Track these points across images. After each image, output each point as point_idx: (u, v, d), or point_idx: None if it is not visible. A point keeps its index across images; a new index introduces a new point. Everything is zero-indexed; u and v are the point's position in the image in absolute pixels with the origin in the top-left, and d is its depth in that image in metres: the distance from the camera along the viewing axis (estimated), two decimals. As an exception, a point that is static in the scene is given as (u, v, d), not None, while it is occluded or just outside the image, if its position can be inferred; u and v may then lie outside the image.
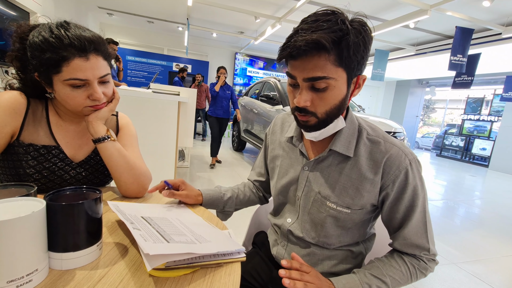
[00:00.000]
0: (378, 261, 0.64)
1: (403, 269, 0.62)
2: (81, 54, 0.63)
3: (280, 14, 5.01)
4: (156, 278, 0.44)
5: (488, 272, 1.88)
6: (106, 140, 0.71)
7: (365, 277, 0.60)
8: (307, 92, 0.55)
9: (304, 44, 0.49)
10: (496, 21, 4.36)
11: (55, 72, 0.62)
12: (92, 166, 0.78)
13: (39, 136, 0.71)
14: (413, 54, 6.19)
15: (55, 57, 0.61)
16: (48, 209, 0.41)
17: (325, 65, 0.51)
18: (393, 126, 3.27)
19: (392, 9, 4.39)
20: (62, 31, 0.62)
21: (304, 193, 0.69)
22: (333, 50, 0.50)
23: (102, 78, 0.68)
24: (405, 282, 0.62)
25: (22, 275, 0.37)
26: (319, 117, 0.58)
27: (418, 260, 0.63)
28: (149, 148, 2.23)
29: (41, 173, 0.70)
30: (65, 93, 0.65)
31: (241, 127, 5.01)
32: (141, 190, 0.76)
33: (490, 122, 7.40)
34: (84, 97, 0.66)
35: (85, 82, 0.65)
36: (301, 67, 0.53)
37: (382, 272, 0.61)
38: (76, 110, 0.69)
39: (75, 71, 0.62)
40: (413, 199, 0.60)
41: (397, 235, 0.63)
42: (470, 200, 3.73)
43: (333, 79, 0.53)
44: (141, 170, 0.76)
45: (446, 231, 2.54)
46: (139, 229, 0.50)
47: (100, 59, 0.67)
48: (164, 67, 7.42)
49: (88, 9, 5.98)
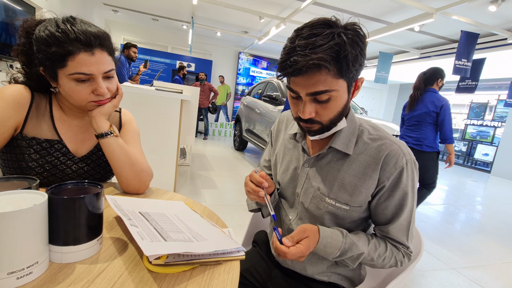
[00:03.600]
0: (366, 235, 0.66)
1: (382, 248, 0.64)
2: (87, 48, 0.63)
3: (284, 15, 5.00)
4: (155, 274, 0.44)
5: (487, 278, 1.87)
6: (109, 135, 0.71)
7: (347, 245, 0.62)
8: (310, 105, 0.57)
9: (305, 66, 0.51)
10: (502, 26, 4.34)
11: (60, 66, 0.63)
12: (94, 161, 0.79)
13: (42, 130, 0.71)
14: (417, 57, 6.17)
15: (61, 51, 0.61)
16: (49, 203, 0.41)
17: (326, 79, 0.53)
18: (394, 129, 3.26)
19: (397, 12, 4.37)
20: (68, 26, 0.63)
21: (303, 190, 0.70)
22: (332, 66, 0.52)
23: (107, 73, 0.68)
24: (377, 263, 0.64)
25: (22, 267, 0.38)
26: (324, 124, 0.60)
27: (397, 249, 0.65)
28: (151, 146, 2.24)
29: (43, 167, 0.70)
30: (70, 87, 0.65)
31: (243, 126, 5.02)
32: (142, 186, 0.76)
33: (494, 127, 7.36)
34: (89, 92, 0.67)
35: (89, 77, 0.65)
36: (303, 84, 0.54)
37: (366, 248, 0.63)
38: (80, 104, 0.69)
39: (80, 66, 0.63)
40: (403, 198, 0.62)
41: (381, 227, 0.66)
42: (471, 205, 3.71)
43: (335, 91, 0.55)
44: (142, 166, 0.76)
45: (446, 236, 2.53)
46: (136, 226, 0.50)
47: (105, 55, 0.67)
48: (168, 65, 7.45)
49: (94, 5, 6.01)
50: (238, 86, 8.39)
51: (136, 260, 0.47)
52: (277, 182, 0.78)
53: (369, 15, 4.66)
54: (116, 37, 7.16)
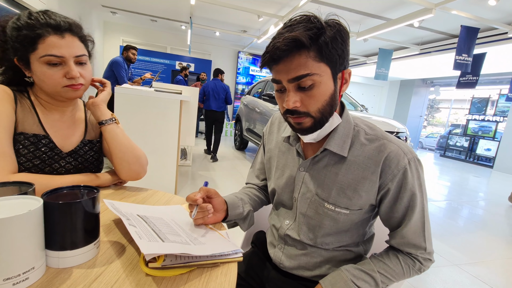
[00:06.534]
0: (371, 258, 0.64)
1: (397, 268, 0.62)
2: (57, 32, 0.66)
3: (283, 13, 4.99)
4: (152, 277, 0.44)
5: (490, 275, 1.86)
6: (112, 122, 0.79)
7: (353, 271, 0.61)
8: (294, 93, 0.55)
9: (283, 44, 0.51)
10: (502, 20, 4.30)
11: (32, 50, 0.65)
12: (81, 156, 0.79)
13: (29, 125, 0.71)
14: (417, 53, 6.14)
15: (31, 34, 0.64)
16: (45, 208, 0.41)
17: (307, 62, 0.53)
18: (396, 126, 3.24)
19: (397, 8, 4.35)
20: (40, 14, 0.66)
21: (300, 195, 0.68)
22: (312, 46, 0.52)
23: (78, 58, 0.70)
24: (397, 280, 0.63)
25: (18, 273, 0.38)
26: (313, 116, 0.57)
27: (413, 260, 0.63)
28: (151, 147, 2.24)
29: (31, 162, 0.70)
30: (42, 71, 0.67)
31: (243, 126, 5.01)
32: (141, 170, 0.82)
33: (495, 122, 7.32)
34: (61, 76, 0.68)
35: (61, 60, 0.67)
36: (284, 70, 0.54)
37: (373, 268, 0.61)
38: (54, 90, 0.69)
39: (50, 48, 0.65)
40: (412, 198, 0.60)
41: (395, 233, 0.63)
42: (474, 201, 3.70)
43: (317, 75, 0.54)
44: (140, 152, 0.83)
45: (449, 232, 2.52)
46: (134, 226, 0.50)
47: (76, 40, 0.70)
48: (167, 65, 7.44)
49: (92, 7, 6.01)
50: (238, 86, 8.39)
51: (134, 264, 0.47)
52: (272, 187, 0.76)
53: (368, 12, 4.64)
54: (115, 38, 7.16)
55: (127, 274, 0.44)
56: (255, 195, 0.83)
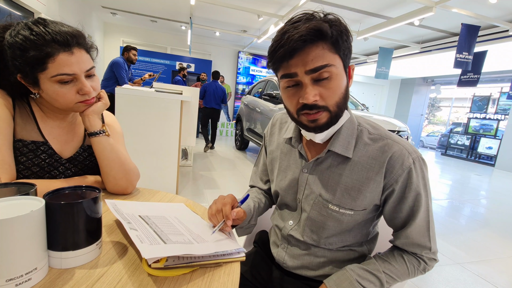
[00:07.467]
0: (376, 258, 0.64)
1: (402, 268, 0.62)
2: (65, 48, 0.62)
3: (283, 13, 4.99)
4: (155, 278, 0.44)
5: (493, 273, 1.85)
6: (101, 134, 0.73)
7: (358, 271, 0.61)
8: (313, 87, 0.53)
9: (305, 34, 0.50)
10: (503, 18, 4.29)
11: (41, 70, 0.61)
12: (80, 162, 0.78)
13: (27, 132, 0.70)
14: (418, 52, 6.13)
15: (40, 54, 0.59)
16: (47, 208, 0.41)
17: (324, 54, 0.52)
18: (397, 125, 3.23)
19: (397, 7, 4.34)
20: (42, 28, 0.61)
21: (304, 196, 0.67)
22: (332, 37, 0.52)
23: (88, 72, 0.68)
24: (401, 280, 0.63)
25: (21, 273, 0.37)
26: (331, 110, 0.56)
27: (418, 260, 0.62)
28: (152, 147, 2.25)
29: (30, 169, 0.69)
30: (54, 90, 0.64)
31: (244, 126, 5.01)
32: (129, 186, 0.77)
33: (497, 120, 7.30)
34: (74, 93, 0.66)
35: (73, 77, 0.64)
36: (300, 63, 0.52)
37: (377, 268, 0.61)
38: (67, 107, 0.68)
39: (61, 67, 0.62)
40: (417, 198, 0.59)
41: (399, 233, 0.63)
42: (476, 199, 3.69)
43: (334, 66, 0.53)
44: (130, 166, 0.78)
45: (451, 231, 2.51)
46: (136, 229, 0.50)
47: (84, 53, 0.67)
48: (168, 66, 7.45)
49: (92, 8, 6.02)
50: (238, 86, 8.39)
51: (136, 264, 0.47)
52: (275, 189, 0.76)
53: (368, 10, 4.63)
54: (115, 39, 7.18)
55: (129, 274, 0.44)
56: (263, 202, 0.81)
